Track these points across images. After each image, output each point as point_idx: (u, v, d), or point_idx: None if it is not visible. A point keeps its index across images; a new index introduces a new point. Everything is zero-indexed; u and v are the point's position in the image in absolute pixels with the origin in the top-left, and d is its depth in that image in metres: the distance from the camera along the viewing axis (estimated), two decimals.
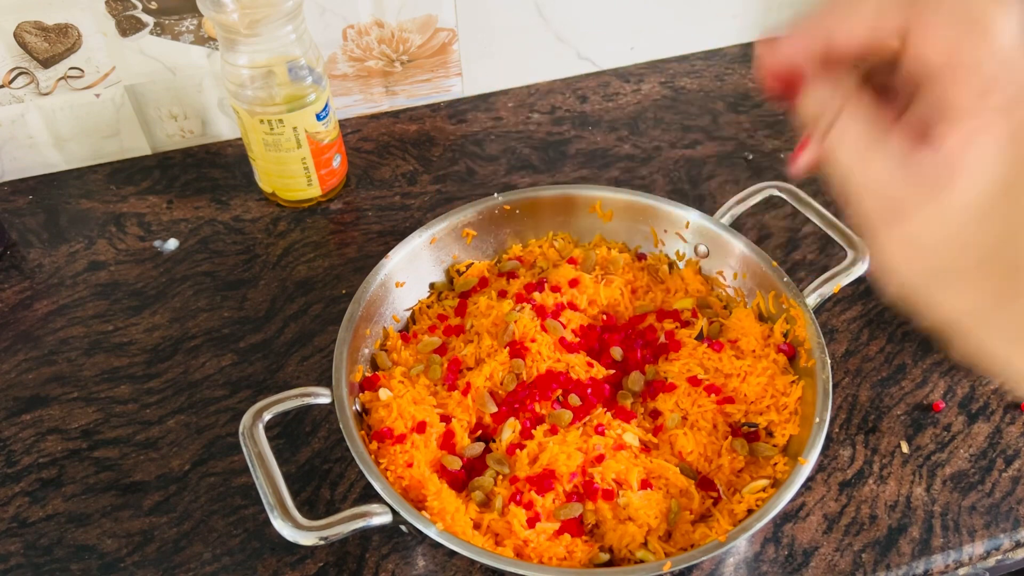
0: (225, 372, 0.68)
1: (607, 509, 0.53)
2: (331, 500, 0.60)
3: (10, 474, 0.62)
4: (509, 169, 0.87)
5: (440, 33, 0.90)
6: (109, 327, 0.72)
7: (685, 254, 0.69)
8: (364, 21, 0.86)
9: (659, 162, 0.87)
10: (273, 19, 0.69)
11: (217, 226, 0.81)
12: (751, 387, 0.59)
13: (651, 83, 0.98)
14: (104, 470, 0.62)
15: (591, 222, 0.71)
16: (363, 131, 0.92)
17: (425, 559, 0.57)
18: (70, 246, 0.79)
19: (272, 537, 0.57)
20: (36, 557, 0.58)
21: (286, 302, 0.74)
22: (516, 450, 0.56)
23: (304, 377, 0.68)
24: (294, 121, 0.74)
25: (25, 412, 0.66)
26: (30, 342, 0.71)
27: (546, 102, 0.95)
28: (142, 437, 0.64)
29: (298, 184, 0.80)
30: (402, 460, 0.56)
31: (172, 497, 0.61)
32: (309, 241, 0.79)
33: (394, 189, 0.85)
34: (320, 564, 0.57)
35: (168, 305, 0.74)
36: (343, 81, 0.90)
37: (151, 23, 0.80)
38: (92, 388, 0.67)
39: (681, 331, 0.64)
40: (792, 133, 0.90)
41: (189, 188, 0.85)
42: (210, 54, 0.84)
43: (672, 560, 0.48)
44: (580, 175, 0.86)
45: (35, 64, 0.79)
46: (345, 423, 0.54)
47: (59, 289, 0.75)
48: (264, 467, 0.50)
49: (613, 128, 0.92)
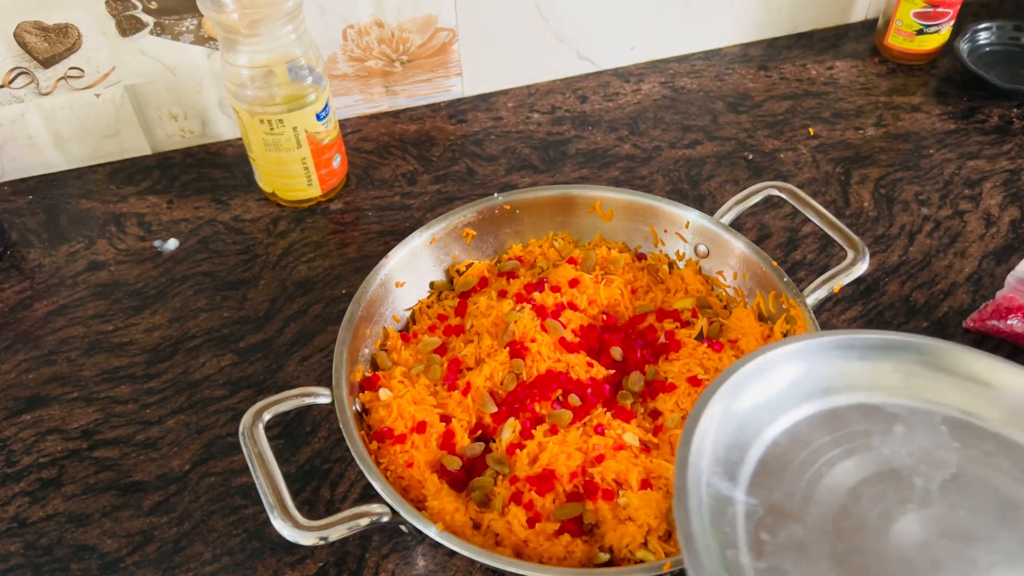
0: (225, 372, 0.68)
1: (607, 509, 0.53)
2: (331, 500, 0.60)
3: (10, 474, 0.62)
4: (509, 169, 0.87)
5: (440, 33, 0.90)
6: (109, 327, 0.72)
7: (685, 254, 0.69)
8: (364, 21, 0.86)
9: (659, 162, 0.87)
10: (273, 19, 0.69)
11: (217, 226, 0.81)
12: None
13: (651, 83, 0.98)
14: (104, 470, 0.62)
15: (591, 222, 0.71)
16: (363, 131, 0.92)
17: (425, 559, 0.57)
18: (70, 246, 0.79)
19: (272, 537, 0.57)
20: (36, 557, 0.58)
21: (286, 302, 0.74)
22: (516, 450, 0.56)
23: (304, 377, 0.68)
24: (294, 121, 0.74)
25: (25, 412, 0.66)
26: (30, 342, 0.71)
27: (546, 102, 0.95)
28: (142, 437, 0.64)
29: (298, 184, 0.80)
30: (402, 460, 0.56)
31: (172, 497, 0.61)
32: (309, 241, 0.79)
33: (394, 189, 0.85)
34: (320, 564, 0.57)
35: (168, 305, 0.74)
36: (343, 81, 0.90)
37: (151, 23, 0.80)
38: (92, 388, 0.67)
39: (681, 331, 0.64)
40: (792, 133, 0.90)
41: (189, 188, 0.85)
42: (210, 54, 0.84)
43: (672, 560, 0.48)
44: (580, 175, 0.86)
45: (35, 64, 0.79)
46: (345, 423, 0.54)
47: (59, 289, 0.75)
48: (264, 467, 0.50)
49: (613, 128, 0.92)
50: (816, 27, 1.05)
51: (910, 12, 0.94)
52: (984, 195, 0.82)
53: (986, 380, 0.48)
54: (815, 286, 0.62)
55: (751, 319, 0.63)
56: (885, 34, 0.98)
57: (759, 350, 0.46)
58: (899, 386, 0.48)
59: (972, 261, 0.76)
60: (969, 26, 0.99)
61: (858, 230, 0.79)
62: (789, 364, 0.47)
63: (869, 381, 0.48)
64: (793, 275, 0.74)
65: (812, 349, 0.48)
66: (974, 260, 0.76)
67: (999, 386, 0.48)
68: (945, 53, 0.99)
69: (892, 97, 0.95)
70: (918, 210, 0.81)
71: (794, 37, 1.04)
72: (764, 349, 0.47)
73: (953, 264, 0.76)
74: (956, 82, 0.97)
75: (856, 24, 1.06)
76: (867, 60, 1.00)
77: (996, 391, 0.47)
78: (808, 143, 0.89)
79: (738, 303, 0.66)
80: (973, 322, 0.69)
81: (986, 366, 0.48)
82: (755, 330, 0.62)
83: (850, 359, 0.48)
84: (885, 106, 0.94)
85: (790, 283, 0.62)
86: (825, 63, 1.00)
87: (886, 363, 0.49)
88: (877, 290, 0.73)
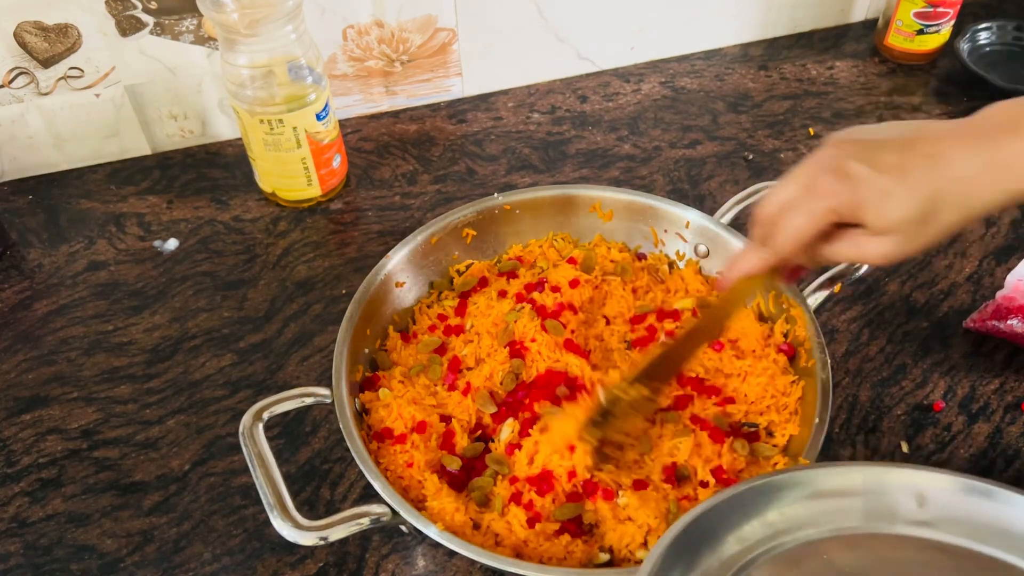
0: (225, 372, 0.68)
1: (607, 509, 0.53)
2: (331, 500, 0.60)
3: (10, 474, 0.62)
4: (509, 169, 0.87)
5: (440, 33, 0.90)
6: (109, 327, 0.72)
7: (685, 254, 0.69)
8: (364, 21, 0.86)
9: (659, 162, 0.87)
10: (273, 19, 0.69)
11: (217, 226, 0.81)
12: (751, 387, 0.59)
13: (651, 83, 0.98)
14: (104, 470, 0.62)
15: (591, 222, 0.71)
16: (363, 131, 0.92)
17: (425, 559, 0.57)
18: (70, 246, 0.79)
19: (272, 537, 0.57)
20: (36, 557, 0.58)
21: (286, 302, 0.74)
22: (515, 450, 0.56)
23: (304, 377, 0.68)
24: (294, 121, 0.74)
25: (25, 412, 0.66)
26: (30, 342, 0.71)
27: (546, 102, 0.95)
28: (142, 437, 0.64)
29: (298, 184, 0.80)
30: (402, 460, 0.56)
31: (172, 497, 0.61)
32: (309, 241, 0.79)
33: (394, 189, 0.85)
34: (320, 564, 0.57)
35: (168, 305, 0.74)
36: (343, 81, 0.90)
37: (151, 23, 0.80)
38: (92, 388, 0.67)
39: (681, 331, 0.64)
40: (792, 133, 0.90)
41: (189, 188, 0.85)
42: (210, 54, 0.84)
43: None
44: (580, 175, 0.86)
45: (35, 64, 0.79)
46: (345, 423, 0.54)
47: (59, 289, 0.75)
48: (264, 467, 0.50)
49: (613, 128, 0.92)
50: (816, 27, 1.05)
51: (910, 12, 0.94)
52: None
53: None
54: (815, 286, 0.62)
55: (751, 319, 0.63)
56: (885, 34, 0.98)
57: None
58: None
59: (972, 261, 0.76)
60: (969, 26, 0.99)
61: None
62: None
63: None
64: None
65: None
66: (974, 260, 0.76)
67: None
68: (945, 53, 0.99)
69: (892, 97, 0.95)
70: None
71: (794, 37, 1.04)
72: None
73: (953, 264, 0.76)
74: (956, 82, 0.97)
75: (856, 24, 1.06)
76: (867, 60, 1.00)
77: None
78: (808, 143, 0.89)
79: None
80: (973, 322, 0.69)
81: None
82: (755, 330, 0.62)
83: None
84: (885, 106, 0.94)
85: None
86: (825, 63, 1.00)
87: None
88: (877, 290, 0.73)
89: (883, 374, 0.67)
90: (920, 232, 0.45)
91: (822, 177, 0.46)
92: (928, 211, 0.45)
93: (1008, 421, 0.64)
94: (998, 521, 0.45)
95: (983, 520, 0.45)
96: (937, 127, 0.47)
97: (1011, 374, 0.67)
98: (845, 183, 0.45)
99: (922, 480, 0.46)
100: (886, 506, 0.46)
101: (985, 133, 0.45)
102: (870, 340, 0.69)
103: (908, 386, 0.66)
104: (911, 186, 0.44)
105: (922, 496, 0.46)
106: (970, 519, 0.45)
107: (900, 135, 0.47)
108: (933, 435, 0.63)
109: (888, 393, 0.66)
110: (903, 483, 0.46)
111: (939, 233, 0.46)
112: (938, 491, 0.46)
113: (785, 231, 0.48)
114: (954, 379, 0.66)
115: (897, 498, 0.46)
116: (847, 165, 0.45)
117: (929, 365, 0.67)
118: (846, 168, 0.45)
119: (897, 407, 0.65)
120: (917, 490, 0.46)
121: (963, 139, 0.45)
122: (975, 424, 0.64)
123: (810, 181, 0.47)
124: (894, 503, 0.46)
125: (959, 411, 0.64)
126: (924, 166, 0.45)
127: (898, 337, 0.70)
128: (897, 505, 0.46)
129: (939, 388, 0.66)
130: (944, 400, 0.65)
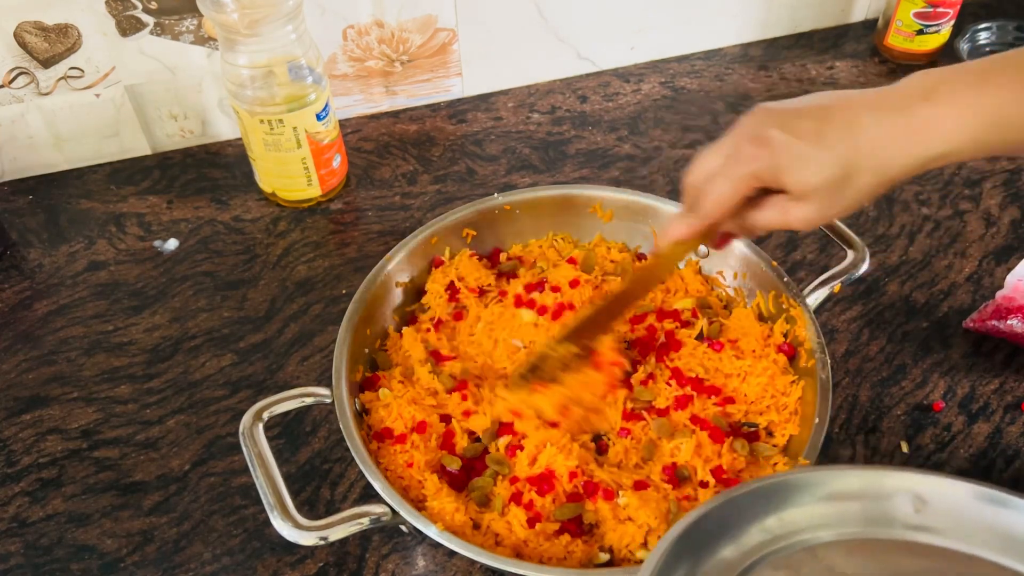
0: (225, 372, 0.68)
1: (607, 509, 0.53)
2: (331, 500, 0.60)
3: (10, 474, 0.62)
4: (509, 169, 0.87)
5: (440, 33, 0.90)
6: (109, 327, 0.72)
7: None
8: (364, 21, 0.86)
9: (659, 162, 0.87)
10: (273, 19, 0.69)
11: (217, 226, 0.81)
12: (751, 387, 0.59)
13: (651, 83, 0.98)
14: (104, 470, 0.62)
15: (591, 222, 0.71)
16: (363, 131, 0.92)
17: (425, 559, 0.57)
18: (70, 246, 0.79)
19: (272, 537, 0.57)
20: (36, 557, 0.58)
21: (286, 302, 0.74)
22: (516, 451, 0.56)
23: (304, 377, 0.68)
24: (294, 121, 0.74)
25: (25, 412, 0.66)
26: (30, 342, 0.71)
27: (546, 102, 0.95)
28: (142, 437, 0.64)
29: (298, 184, 0.80)
30: (402, 460, 0.56)
31: (172, 497, 0.61)
32: (309, 241, 0.79)
33: (394, 189, 0.85)
34: (320, 564, 0.57)
35: (168, 305, 0.74)
36: (343, 81, 0.90)
37: (151, 23, 0.80)
38: (92, 388, 0.67)
39: (681, 331, 0.64)
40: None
41: (189, 188, 0.85)
42: (210, 54, 0.84)
43: None
44: (580, 175, 0.86)
45: (35, 64, 0.79)
46: (345, 423, 0.54)
47: (59, 289, 0.75)
48: (264, 467, 0.50)
49: (613, 128, 0.92)
50: (816, 27, 1.05)
51: (910, 12, 0.94)
52: (984, 195, 0.82)
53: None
54: (815, 286, 0.62)
55: (751, 319, 0.63)
56: (885, 34, 0.98)
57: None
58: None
59: (972, 261, 0.76)
60: (969, 26, 0.99)
61: (858, 230, 0.79)
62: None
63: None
64: (793, 275, 0.74)
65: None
66: (974, 260, 0.76)
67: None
68: (945, 53, 0.99)
69: None
70: (918, 210, 0.81)
71: (794, 37, 1.04)
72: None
73: (953, 264, 0.76)
74: None
75: (856, 24, 1.06)
76: (867, 60, 1.00)
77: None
78: None
79: (738, 303, 0.66)
80: (973, 322, 0.69)
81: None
82: (755, 330, 0.62)
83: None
84: None
85: (790, 283, 0.62)
86: (825, 63, 1.00)
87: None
88: (877, 290, 0.73)
89: (883, 374, 0.67)
90: (838, 196, 0.47)
91: (743, 144, 0.48)
92: (845, 175, 0.46)
93: (1008, 421, 0.64)
94: (997, 525, 0.45)
95: (982, 524, 0.45)
96: (855, 96, 0.48)
97: (1011, 374, 0.67)
98: (765, 149, 0.47)
99: (920, 484, 0.46)
100: (885, 510, 0.46)
101: (899, 101, 0.47)
102: (870, 340, 0.69)
103: (908, 386, 0.66)
104: (827, 150, 0.46)
105: (920, 500, 0.46)
106: (969, 523, 0.45)
107: (819, 103, 0.48)
108: (933, 435, 0.63)
109: (888, 393, 0.66)
110: (901, 487, 0.46)
111: (857, 197, 0.47)
112: (936, 495, 0.46)
113: (710, 197, 0.50)
114: (954, 379, 0.66)
115: (895, 502, 0.46)
116: (767, 132, 0.47)
117: (929, 365, 0.67)
118: (766, 135, 0.47)
119: (897, 407, 0.65)
120: (915, 494, 0.46)
121: (879, 106, 0.47)
122: (975, 424, 0.64)
123: (732, 149, 0.49)
124: (892, 507, 0.46)
125: (959, 411, 0.64)
126: (840, 132, 0.46)
127: (898, 337, 0.70)
128: (895, 509, 0.46)
129: (939, 388, 0.66)
130: (944, 400, 0.65)
